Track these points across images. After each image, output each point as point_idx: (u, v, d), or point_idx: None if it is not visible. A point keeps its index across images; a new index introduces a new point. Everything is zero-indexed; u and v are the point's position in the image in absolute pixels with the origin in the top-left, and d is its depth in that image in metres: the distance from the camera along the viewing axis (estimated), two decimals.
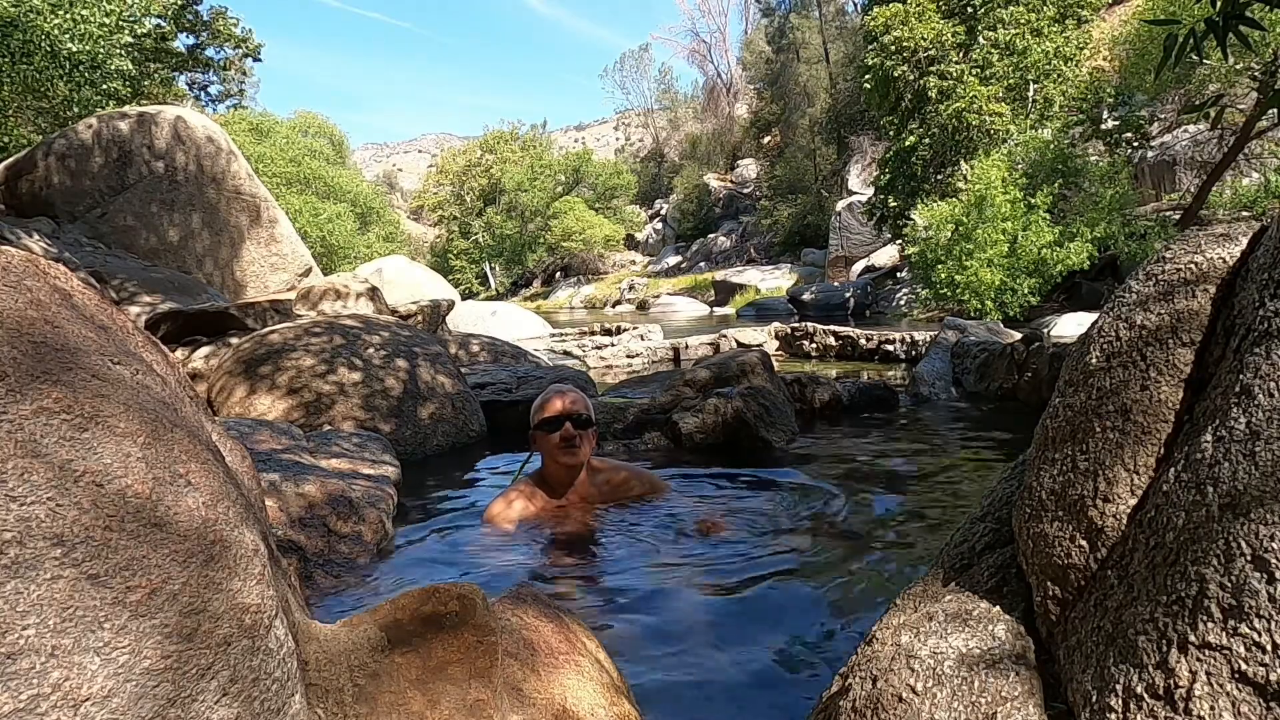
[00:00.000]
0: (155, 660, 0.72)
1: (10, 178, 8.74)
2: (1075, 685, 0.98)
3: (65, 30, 10.44)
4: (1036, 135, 13.80)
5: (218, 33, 20.57)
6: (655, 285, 30.46)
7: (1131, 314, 1.18)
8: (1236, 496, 0.89)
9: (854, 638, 1.64)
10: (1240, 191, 12.71)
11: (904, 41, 17.13)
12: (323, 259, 23.35)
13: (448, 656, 1.04)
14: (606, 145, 60.29)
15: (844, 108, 28.71)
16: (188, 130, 9.36)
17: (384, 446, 3.17)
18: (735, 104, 41.38)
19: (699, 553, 2.24)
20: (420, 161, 75.92)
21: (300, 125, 34.38)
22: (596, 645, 1.33)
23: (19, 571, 0.68)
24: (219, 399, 3.82)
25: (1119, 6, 19.69)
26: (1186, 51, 2.78)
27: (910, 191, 17.21)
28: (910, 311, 15.10)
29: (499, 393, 4.54)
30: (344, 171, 33.22)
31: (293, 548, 2.10)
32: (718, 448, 3.64)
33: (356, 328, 4.24)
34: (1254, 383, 0.96)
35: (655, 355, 8.24)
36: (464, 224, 41.10)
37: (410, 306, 7.36)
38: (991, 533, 1.33)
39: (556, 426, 2.41)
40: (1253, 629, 0.81)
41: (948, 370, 5.31)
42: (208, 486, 0.86)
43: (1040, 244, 11.65)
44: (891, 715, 1.02)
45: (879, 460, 3.49)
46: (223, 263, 9.48)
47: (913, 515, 2.63)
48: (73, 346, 0.85)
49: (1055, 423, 1.20)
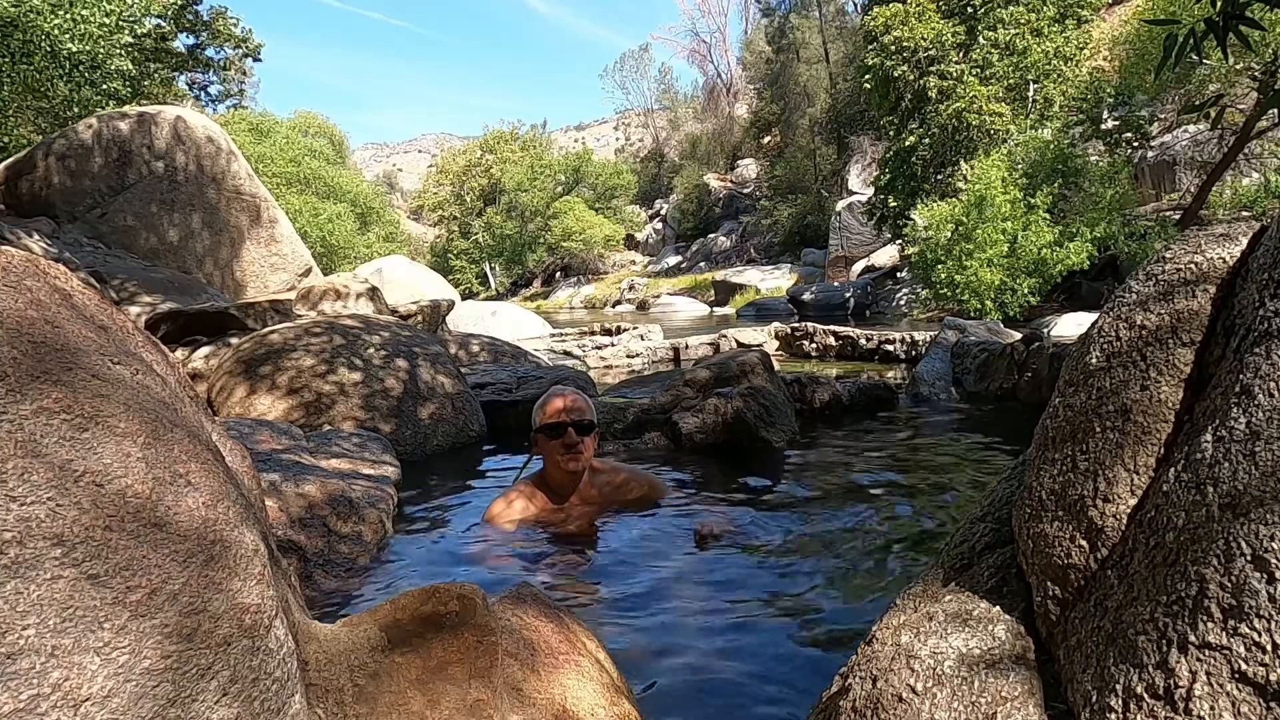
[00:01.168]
0: (155, 660, 0.72)
1: (10, 178, 8.74)
2: (1075, 685, 0.98)
3: (65, 30, 10.43)
4: (1036, 135, 13.79)
5: (218, 33, 20.55)
6: (655, 285, 30.44)
7: (1131, 314, 1.18)
8: (1236, 496, 0.89)
9: (854, 638, 1.64)
10: (1240, 191, 12.70)
11: (904, 41, 17.13)
12: (323, 259, 23.35)
13: (448, 656, 1.04)
14: (606, 145, 60.24)
15: (844, 108, 28.70)
16: (188, 130, 9.35)
17: (384, 446, 3.17)
18: (735, 104, 41.36)
19: (698, 553, 2.24)
20: (420, 161, 75.86)
21: (300, 125, 34.37)
22: (596, 645, 1.33)
23: (19, 571, 0.68)
24: (219, 399, 3.82)
25: (1119, 6, 19.68)
26: (1186, 51, 2.78)
27: (910, 191, 17.21)
28: (910, 311, 15.10)
29: (499, 393, 4.55)
30: (344, 171, 33.20)
31: (293, 548, 2.10)
32: (718, 448, 3.64)
33: (356, 328, 4.24)
34: (1254, 383, 0.96)
35: (655, 355, 8.24)
36: (464, 224, 41.08)
37: (410, 306, 7.36)
38: (991, 533, 1.33)
39: (560, 432, 2.40)
40: (1253, 629, 0.81)
41: (948, 370, 5.31)
42: (208, 486, 0.86)
43: (1040, 244, 11.64)
44: (891, 715, 1.02)
45: (879, 460, 3.49)
46: (223, 263, 9.48)
47: (912, 515, 2.63)
48: (73, 346, 0.85)
49: (1055, 423, 1.20)
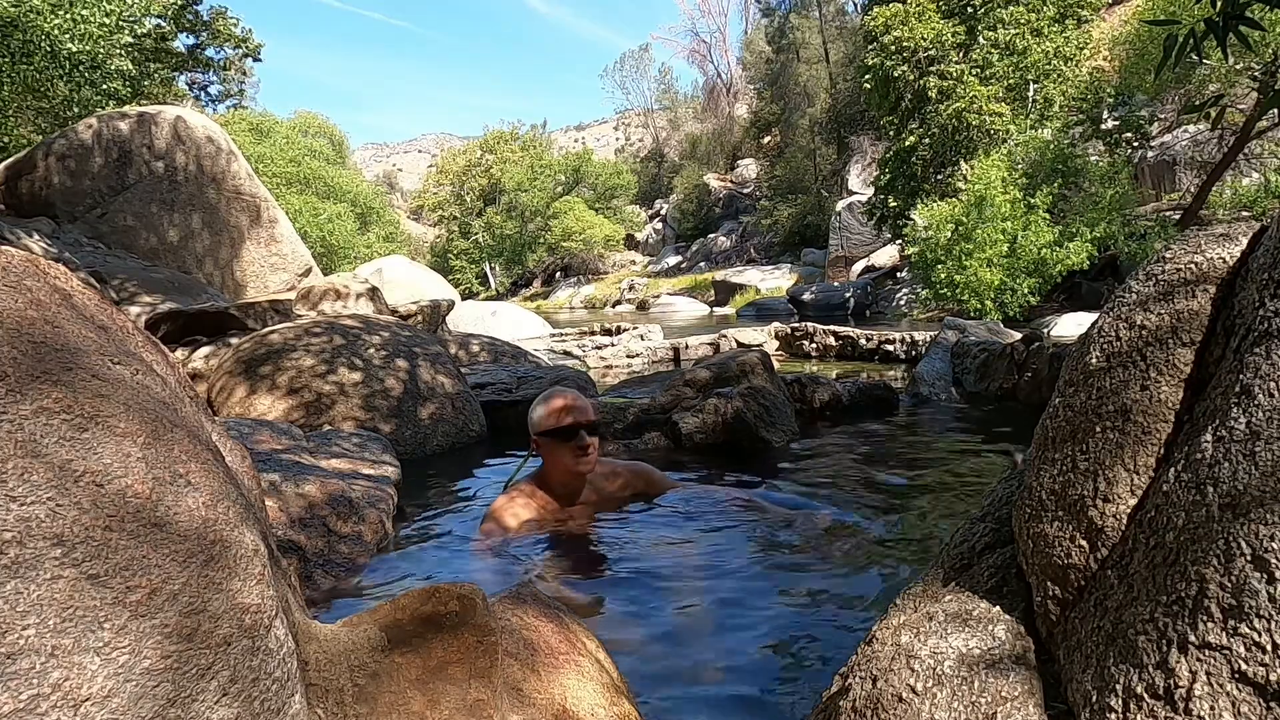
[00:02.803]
0: (155, 660, 0.72)
1: (10, 178, 8.74)
2: (1075, 685, 0.98)
3: (65, 30, 10.43)
4: (1036, 135, 13.79)
5: (218, 33, 20.56)
6: (655, 285, 30.43)
7: (1131, 314, 1.18)
8: (1236, 496, 0.89)
9: (854, 638, 1.64)
10: (1240, 191, 12.71)
11: (904, 41, 17.12)
12: (323, 259, 23.34)
13: (448, 657, 1.04)
14: (606, 145, 60.23)
15: (844, 108, 28.69)
16: (188, 130, 9.36)
17: (384, 446, 3.17)
18: (735, 104, 41.35)
19: (699, 553, 2.24)
20: (420, 161, 75.85)
21: (300, 125, 34.34)
22: (596, 645, 1.33)
23: (19, 571, 0.68)
24: (219, 399, 3.82)
25: (1119, 6, 19.69)
26: (1186, 51, 2.78)
27: (910, 191, 17.21)
28: (910, 311, 15.09)
29: (499, 393, 4.55)
30: (344, 171, 33.19)
31: (293, 548, 2.10)
32: (718, 448, 3.64)
33: (357, 328, 4.24)
34: (1254, 383, 0.96)
35: (655, 355, 8.23)
36: (464, 224, 41.08)
37: (410, 306, 7.36)
38: (991, 533, 1.33)
39: (572, 436, 2.37)
40: (1253, 629, 0.81)
41: (948, 370, 5.31)
42: (208, 486, 0.86)
43: (1040, 244, 11.64)
44: (891, 715, 1.02)
45: (879, 460, 3.49)
46: (223, 263, 9.48)
47: (912, 515, 2.63)
48: (73, 346, 0.85)
49: (1055, 423, 1.20)
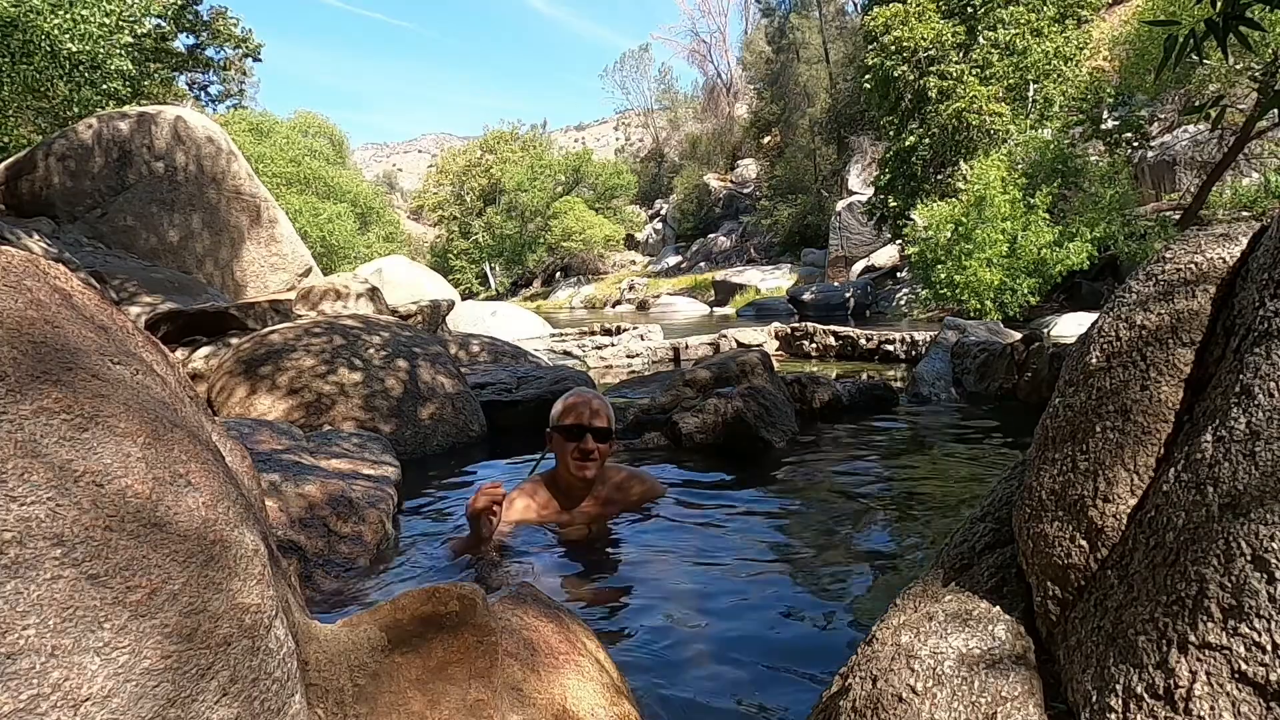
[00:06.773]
0: (155, 660, 0.72)
1: (10, 178, 8.73)
2: (1075, 685, 0.98)
3: (65, 30, 10.43)
4: (1036, 135, 13.79)
5: (218, 33, 20.56)
6: (655, 285, 30.43)
7: (1131, 314, 1.18)
8: (1236, 496, 0.89)
9: (854, 638, 1.64)
10: (1240, 191, 12.71)
11: (904, 41, 17.13)
12: (323, 259, 23.36)
13: (448, 657, 1.04)
14: (606, 145, 60.21)
15: (844, 108, 28.68)
16: (188, 130, 9.35)
17: (384, 447, 3.17)
18: (735, 104, 41.35)
19: (699, 554, 2.24)
20: (420, 161, 75.82)
21: (300, 125, 34.33)
22: (596, 645, 1.33)
23: (19, 571, 0.68)
24: (219, 399, 3.82)
25: (1119, 6, 19.69)
26: (1186, 52, 2.78)
27: (910, 191, 17.21)
28: (910, 311, 15.09)
29: (499, 393, 4.54)
30: (344, 171, 33.22)
31: (293, 548, 2.10)
32: (718, 448, 3.64)
33: (357, 328, 4.24)
34: (1254, 383, 0.96)
35: (655, 355, 8.24)
36: (464, 224, 41.08)
37: (410, 306, 7.36)
38: (991, 533, 1.33)
39: (577, 435, 2.38)
40: (1253, 629, 0.81)
41: (948, 370, 5.31)
42: (208, 487, 0.86)
43: (1040, 244, 11.64)
44: (891, 715, 1.02)
45: (879, 460, 3.49)
46: (223, 263, 9.48)
47: (912, 515, 2.63)
48: (73, 347, 0.85)
49: (1055, 423, 1.20)
